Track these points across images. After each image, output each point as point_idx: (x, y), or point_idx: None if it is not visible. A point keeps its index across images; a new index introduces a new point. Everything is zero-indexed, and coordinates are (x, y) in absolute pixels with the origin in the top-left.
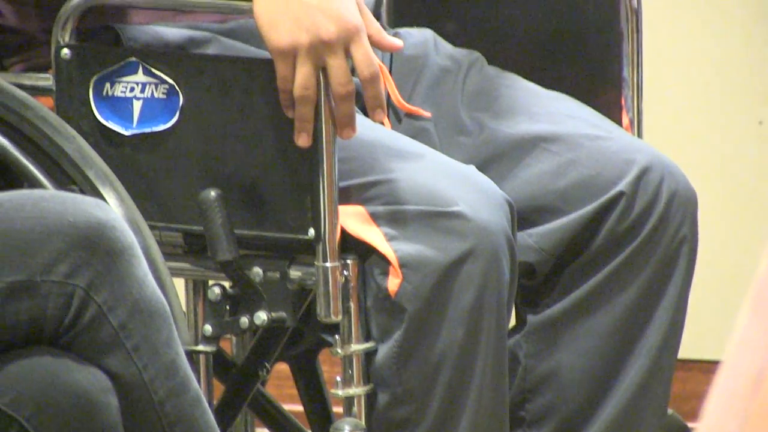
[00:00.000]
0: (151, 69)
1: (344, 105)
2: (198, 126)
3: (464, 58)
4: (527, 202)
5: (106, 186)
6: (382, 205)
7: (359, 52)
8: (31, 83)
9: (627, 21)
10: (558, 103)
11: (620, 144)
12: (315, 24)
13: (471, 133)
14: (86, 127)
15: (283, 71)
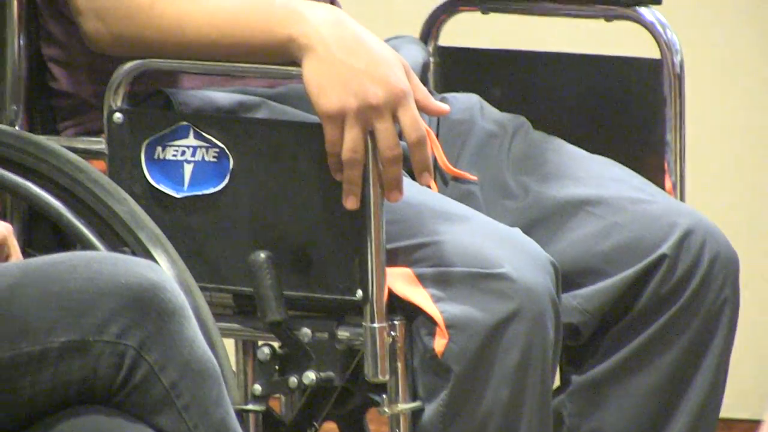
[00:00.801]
0: (202, 133)
1: (392, 168)
2: (248, 189)
3: (510, 122)
4: (572, 264)
5: (158, 248)
6: (429, 266)
7: (406, 116)
8: (84, 147)
9: (670, 86)
10: (602, 167)
11: (663, 207)
12: (363, 88)
13: (516, 196)
14: (138, 190)
15: (331, 135)
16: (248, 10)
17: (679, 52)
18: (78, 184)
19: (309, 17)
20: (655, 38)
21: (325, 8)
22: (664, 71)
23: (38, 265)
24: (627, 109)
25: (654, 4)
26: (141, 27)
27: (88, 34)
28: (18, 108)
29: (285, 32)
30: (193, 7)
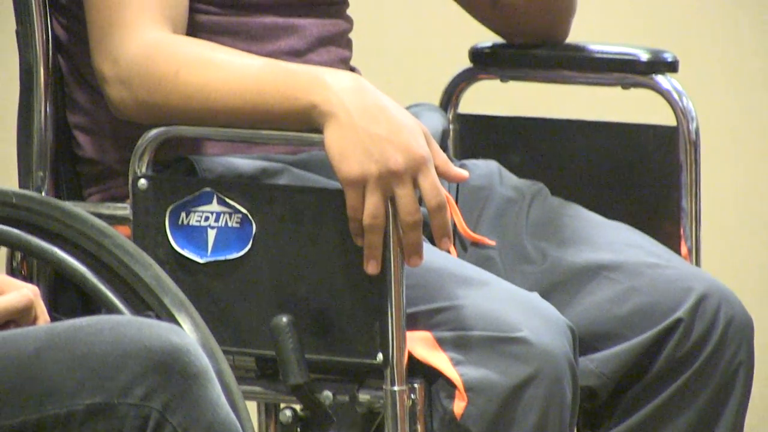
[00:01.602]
0: (225, 199)
1: (412, 233)
2: (270, 254)
3: (528, 188)
4: (589, 327)
5: (182, 312)
6: (449, 330)
7: (427, 182)
8: (109, 212)
9: (686, 153)
10: (619, 233)
11: (679, 272)
12: (384, 155)
13: (535, 261)
14: (162, 255)
15: (353, 201)
16: (271, 77)
17: (695, 120)
18: (103, 249)
19: (331, 84)
20: (672, 106)
21: (347, 76)
22: (680, 138)
23: (64, 329)
24: (643, 175)
25: (670, 72)
26: (166, 94)
27: (114, 102)
28: (44, 174)
29: (307, 99)
30: (217, 74)
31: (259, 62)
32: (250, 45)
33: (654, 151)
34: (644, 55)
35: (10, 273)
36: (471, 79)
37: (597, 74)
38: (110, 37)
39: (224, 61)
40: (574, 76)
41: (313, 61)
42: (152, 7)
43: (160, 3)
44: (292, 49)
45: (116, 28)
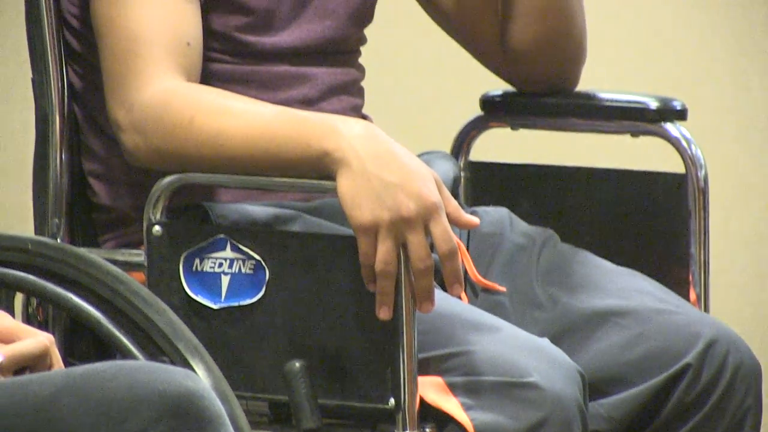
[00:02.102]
0: (239, 245)
1: (423, 279)
2: (283, 299)
3: (538, 235)
4: (598, 373)
5: (196, 357)
6: (460, 376)
7: (438, 229)
8: (124, 259)
9: (694, 200)
10: (628, 279)
11: (687, 318)
12: (396, 202)
13: (545, 307)
14: (176, 301)
15: (365, 247)
16: (284, 125)
17: (703, 167)
18: (118, 295)
19: (343, 132)
20: (680, 153)
21: (359, 123)
22: (688, 185)
23: (80, 373)
24: (652, 222)
25: (679, 120)
26: (180, 142)
27: (128, 149)
28: (60, 221)
29: (320, 147)
30: (231, 122)
31: (272, 110)
32: (263, 93)
33: (663, 198)
34: (653, 104)
35: (26, 319)
36: (482, 127)
37: (607, 122)
38: (125, 85)
39: (238, 108)
40: (584, 123)
41: (325, 110)
42: (166, 56)
43: (174, 52)
44: (304, 97)
45: (131, 76)
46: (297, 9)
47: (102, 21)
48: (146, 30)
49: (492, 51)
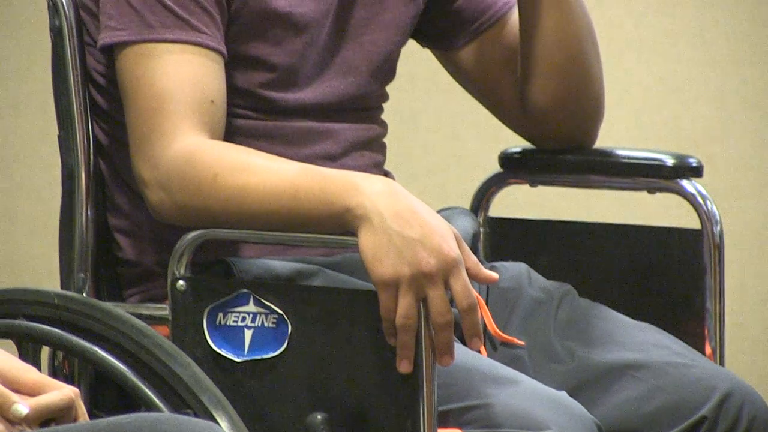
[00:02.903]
0: (262, 300)
1: (443, 333)
2: (305, 353)
3: (556, 290)
4: (616, 425)
5: (219, 410)
6: (479, 428)
7: (458, 283)
8: (149, 313)
9: (710, 255)
10: (645, 333)
11: (703, 371)
12: (416, 257)
13: (563, 360)
14: (200, 354)
15: (386, 302)
16: (306, 182)
17: (719, 223)
18: (143, 348)
19: (365, 189)
20: (696, 209)
21: (380, 180)
22: (704, 241)
23: (104, 426)
24: (668, 277)
25: (695, 176)
26: (204, 198)
27: (153, 205)
28: (85, 276)
29: (342, 203)
30: (254, 179)
31: (295, 167)
32: (286, 149)
33: (679, 254)
34: (670, 161)
35: (51, 372)
36: (501, 184)
37: (624, 179)
38: (150, 142)
39: (261, 165)
40: (601, 180)
41: (348, 166)
42: (191, 114)
43: (199, 109)
44: (327, 153)
45: (156, 133)
46: (320, 66)
47: (128, 78)
48: (171, 88)
49: (511, 108)
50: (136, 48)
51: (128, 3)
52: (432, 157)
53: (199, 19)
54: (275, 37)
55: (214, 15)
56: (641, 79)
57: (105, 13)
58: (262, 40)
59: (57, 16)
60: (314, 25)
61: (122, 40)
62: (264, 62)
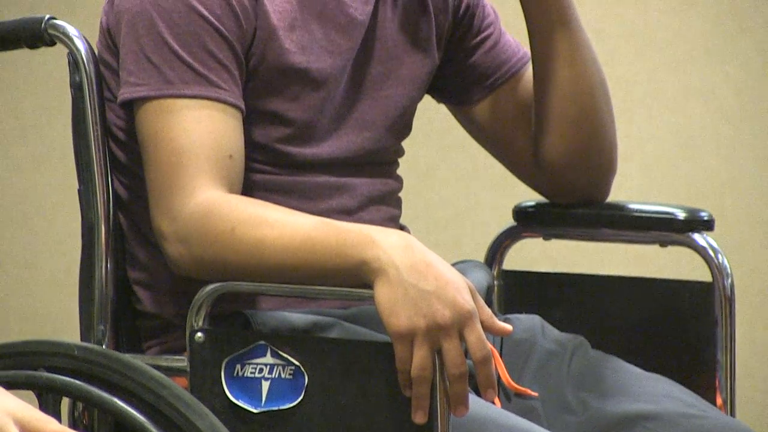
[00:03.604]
0: (279, 352)
1: (458, 385)
2: (322, 404)
3: (569, 342)
4: None
5: None
6: None
7: (472, 336)
8: (167, 365)
9: (721, 308)
10: (656, 384)
11: (715, 423)
12: (431, 309)
13: (576, 411)
14: (218, 405)
15: (401, 353)
16: (323, 235)
17: (729, 276)
18: (161, 399)
19: (380, 242)
20: (708, 263)
21: (395, 233)
22: (715, 294)
23: None
24: (680, 329)
25: (706, 230)
26: (222, 251)
27: (172, 258)
28: (105, 328)
29: (358, 256)
30: (271, 232)
31: (312, 220)
32: (303, 203)
33: (690, 306)
34: (681, 214)
35: (72, 423)
36: (515, 237)
37: (636, 232)
38: (169, 196)
39: (278, 219)
40: (614, 234)
41: (364, 220)
42: (209, 168)
43: (217, 164)
44: (343, 207)
45: (175, 187)
46: (336, 121)
47: (147, 133)
48: (190, 143)
49: (525, 163)
50: (155, 103)
51: (148, 59)
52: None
53: (218, 75)
54: (293, 93)
55: (232, 71)
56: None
57: (125, 69)
58: (280, 95)
59: (77, 71)
60: (331, 81)
61: (142, 95)
62: (281, 117)
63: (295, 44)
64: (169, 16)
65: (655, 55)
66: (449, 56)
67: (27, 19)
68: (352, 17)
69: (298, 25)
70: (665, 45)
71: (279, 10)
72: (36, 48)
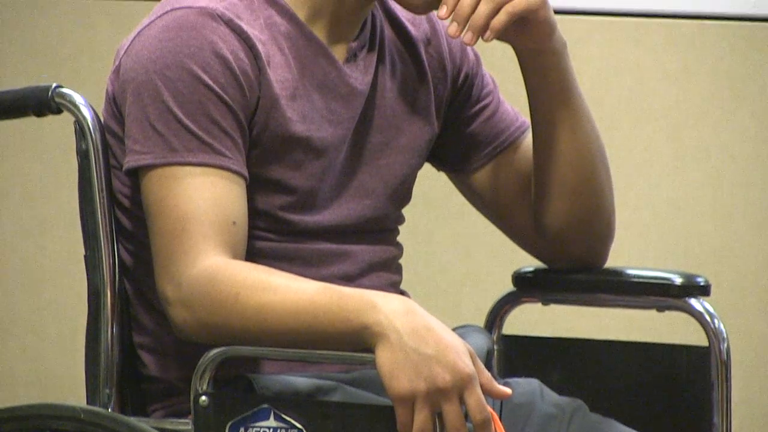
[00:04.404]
0: (282, 415)
1: None
2: None
3: (568, 405)
4: None
5: None
6: None
7: (472, 399)
8: (173, 428)
9: (717, 372)
10: None
11: None
12: (432, 373)
13: None
14: None
15: (402, 416)
16: (325, 300)
17: (726, 340)
18: None
19: (382, 307)
20: (704, 327)
21: (396, 298)
22: (712, 358)
23: None
24: (677, 392)
25: (703, 295)
26: (226, 316)
27: (177, 323)
28: (110, 391)
29: (359, 321)
30: (274, 297)
31: (314, 286)
32: (305, 270)
33: (687, 370)
34: (678, 280)
35: None
36: (514, 302)
37: (633, 297)
38: (174, 262)
39: (281, 284)
40: (611, 299)
41: (365, 286)
42: (213, 235)
43: (221, 231)
44: (344, 274)
45: (179, 253)
46: (337, 188)
47: (152, 200)
48: (194, 210)
49: (524, 230)
50: (160, 171)
51: (153, 127)
52: (447, 276)
53: (222, 143)
54: (295, 161)
55: (236, 139)
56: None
57: (130, 137)
58: (282, 163)
59: (84, 139)
60: (332, 149)
61: (147, 163)
62: (284, 185)
63: (297, 113)
64: (174, 86)
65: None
66: (448, 124)
67: (34, 88)
68: (352, 87)
69: (299, 94)
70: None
71: (281, 80)
72: (43, 116)
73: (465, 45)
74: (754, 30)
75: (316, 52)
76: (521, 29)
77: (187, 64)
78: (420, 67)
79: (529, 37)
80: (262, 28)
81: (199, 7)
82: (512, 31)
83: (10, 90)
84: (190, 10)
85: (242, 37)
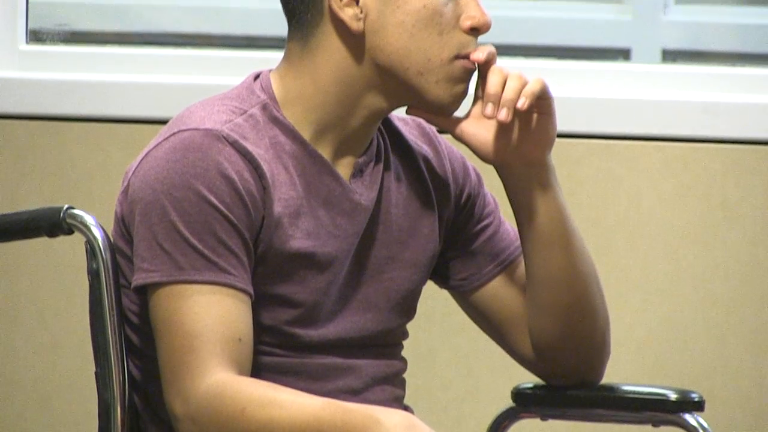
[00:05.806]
0: None
1: None
2: None
3: None
4: None
5: None
6: None
7: None
8: None
9: None
10: None
11: None
12: None
13: None
14: None
15: None
16: (329, 415)
17: None
18: None
19: (384, 422)
20: None
21: (399, 414)
22: None
23: None
24: None
25: (697, 411)
26: (233, 431)
27: None
28: None
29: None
30: (280, 412)
31: (319, 401)
32: (311, 384)
33: None
34: (673, 395)
35: None
36: (513, 418)
37: (630, 413)
38: (181, 378)
39: (286, 400)
40: (608, 414)
41: (369, 400)
42: (220, 352)
43: (227, 348)
44: (349, 388)
45: (186, 370)
46: (340, 302)
47: (160, 317)
48: (201, 327)
49: (522, 346)
50: (167, 289)
51: (161, 246)
52: (448, 392)
53: (228, 261)
54: (299, 276)
55: (241, 257)
56: (645, 319)
57: (138, 256)
58: (288, 279)
59: (95, 259)
60: (336, 264)
61: (155, 281)
62: (289, 300)
63: (301, 231)
64: (181, 205)
65: (648, 244)
66: (450, 243)
67: (47, 209)
68: (357, 203)
69: (304, 211)
70: (657, 234)
71: (285, 198)
72: (55, 237)
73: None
74: (746, 153)
75: (320, 170)
76: (527, 136)
77: (193, 185)
78: (424, 185)
79: (533, 147)
80: (267, 148)
81: (205, 129)
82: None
83: (23, 212)
84: (197, 131)
85: (247, 158)
